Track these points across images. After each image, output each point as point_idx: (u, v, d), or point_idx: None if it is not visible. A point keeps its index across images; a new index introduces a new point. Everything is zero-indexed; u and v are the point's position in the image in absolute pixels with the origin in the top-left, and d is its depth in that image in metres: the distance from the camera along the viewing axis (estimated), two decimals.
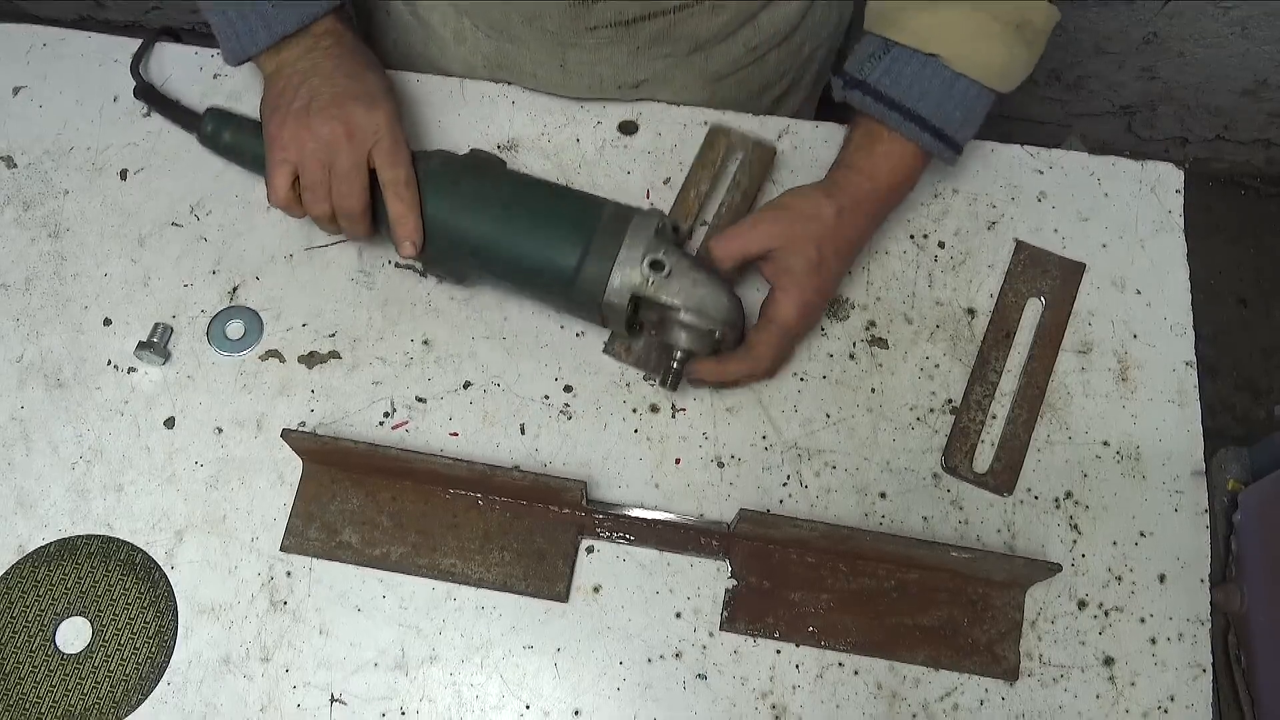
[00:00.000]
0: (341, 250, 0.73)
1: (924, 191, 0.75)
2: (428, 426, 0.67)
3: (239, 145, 0.71)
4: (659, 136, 0.76)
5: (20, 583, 0.63)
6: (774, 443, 0.67)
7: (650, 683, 0.61)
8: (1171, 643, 0.63)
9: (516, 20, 0.70)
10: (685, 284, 0.61)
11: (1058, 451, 0.67)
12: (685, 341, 0.63)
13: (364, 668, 0.61)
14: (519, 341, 0.70)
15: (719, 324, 0.62)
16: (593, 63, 0.72)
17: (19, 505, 0.65)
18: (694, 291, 0.61)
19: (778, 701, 0.61)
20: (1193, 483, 0.67)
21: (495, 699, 0.61)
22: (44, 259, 0.72)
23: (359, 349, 0.70)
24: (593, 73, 0.73)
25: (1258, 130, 1.54)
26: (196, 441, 0.67)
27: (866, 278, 0.72)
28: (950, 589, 0.63)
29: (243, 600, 0.63)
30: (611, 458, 0.67)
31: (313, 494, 0.65)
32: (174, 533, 0.65)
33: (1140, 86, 1.47)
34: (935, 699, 0.61)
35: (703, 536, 0.64)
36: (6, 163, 0.76)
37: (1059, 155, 0.76)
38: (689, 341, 0.63)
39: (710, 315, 0.62)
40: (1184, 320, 0.71)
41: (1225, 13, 1.29)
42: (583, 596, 0.63)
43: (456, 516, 0.65)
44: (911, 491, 0.66)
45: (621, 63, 0.73)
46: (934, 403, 0.69)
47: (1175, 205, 0.75)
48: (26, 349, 0.70)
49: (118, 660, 0.61)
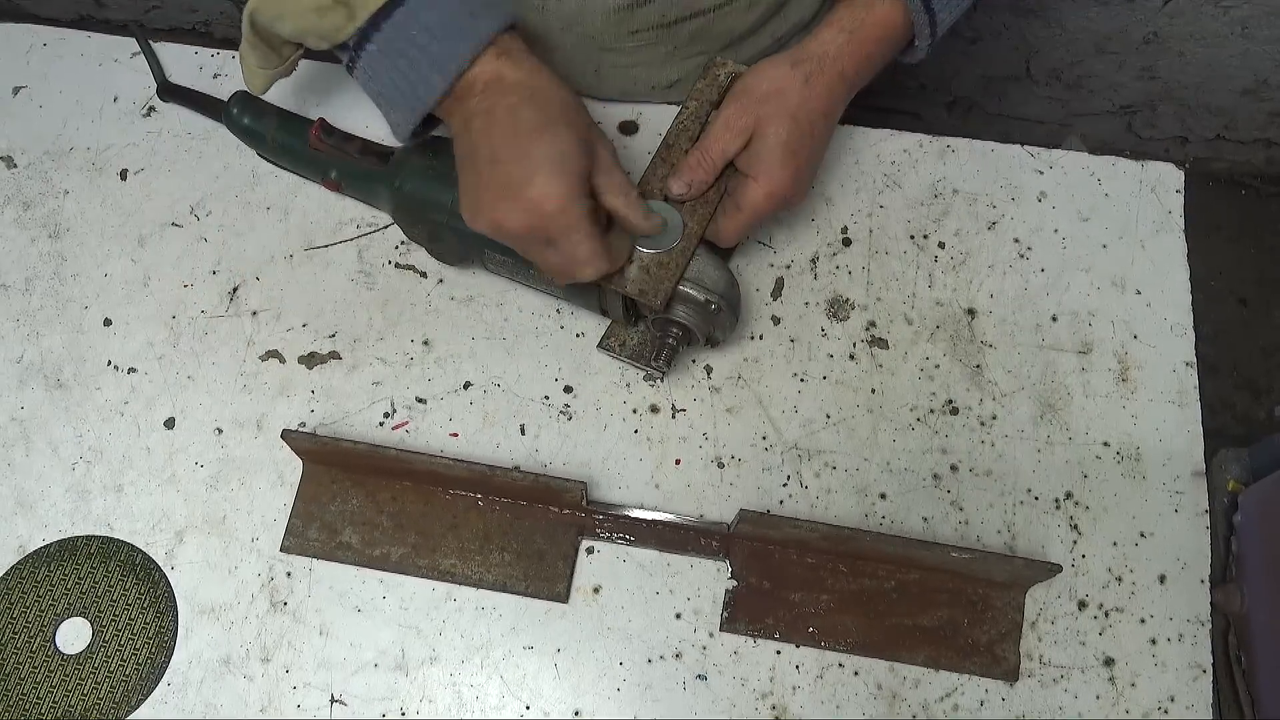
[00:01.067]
0: (341, 250, 0.73)
1: (924, 191, 0.75)
2: (428, 427, 0.67)
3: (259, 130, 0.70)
4: (659, 137, 0.76)
5: (20, 583, 0.63)
6: (774, 443, 0.67)
7: (650, 683, 0.61)
8: (1171, 643, 0.63)
9: (555, 27, 0.68)
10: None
11: (1058, 452, 0.67)
12: (682, 314, 0.62)
13: (364, 668, 0.61)
14: (519, 341, 0.70)
15: (716, 296, 0.61)
16: (628, 65, 0.72)
17: (19, 505, 0.65)
18: (693, 264, 0.61)
19: (778, 702, 0.61)
20: (1193, 483, 0.67)
21: (495, 699, 0.61)
22: (44, 259, 0.72)
23: (359, 349, 0.70)
24: (627, 75, 0.73)
25: (1258, 130, 1.54)
26: (196, 442, 0.67)
27: (867, 278, 0.72)
28: (950, 590, 0.63)
29: (243, 601, 0.63)
30: (611, 458, 0.67)
31: (313, 494, 0.65)
32: (174, 533, 0.65)
33: (1140, 86, 1.47)
34: (935, 699, 0.61)
35: (703, 537, 0.64)
36: (6, 163, 0.76)
37: (1059, 155, 0.76)
38: (685, 314, 0.62)
39: (707, 287, 0.61)
40: (1184, 320, 0.71)
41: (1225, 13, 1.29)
42: (583, 597, 0.63)
43: (456, 517, 0.65)
44: (911, 492, 0.66)
45: (657, 64, 0.72)
46: (934, 403, 0.69)
47: (1175, 205, 0.75)
48: (26, 349, 0.70)
49: (118, 661, 0.61)
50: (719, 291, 0.61)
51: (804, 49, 0.62)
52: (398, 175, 0.66)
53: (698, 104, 0.66)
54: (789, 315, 0.71)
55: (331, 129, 0.69)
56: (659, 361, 0.63)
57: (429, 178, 0.65)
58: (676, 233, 0.61)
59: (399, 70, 0.56)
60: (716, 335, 0.65)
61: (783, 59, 0.62)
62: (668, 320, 0.62)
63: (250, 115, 0.70)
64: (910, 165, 0.76)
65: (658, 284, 0.60)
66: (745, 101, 0.62)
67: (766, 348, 0.70)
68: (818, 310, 0.71)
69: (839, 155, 0.75)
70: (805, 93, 0.61)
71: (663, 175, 0.63)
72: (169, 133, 0.76)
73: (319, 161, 0.70)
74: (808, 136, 0.61)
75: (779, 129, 0.60)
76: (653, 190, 0.63)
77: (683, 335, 0.63)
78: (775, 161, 0.61)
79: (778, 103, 0.61)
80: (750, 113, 0.61)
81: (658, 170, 0.64)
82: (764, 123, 0.61)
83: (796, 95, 0.61)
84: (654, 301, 0.60)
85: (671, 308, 0.62)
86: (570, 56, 0.71)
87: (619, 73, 0.73)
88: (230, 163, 0.75)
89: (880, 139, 0.76)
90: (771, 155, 0.61)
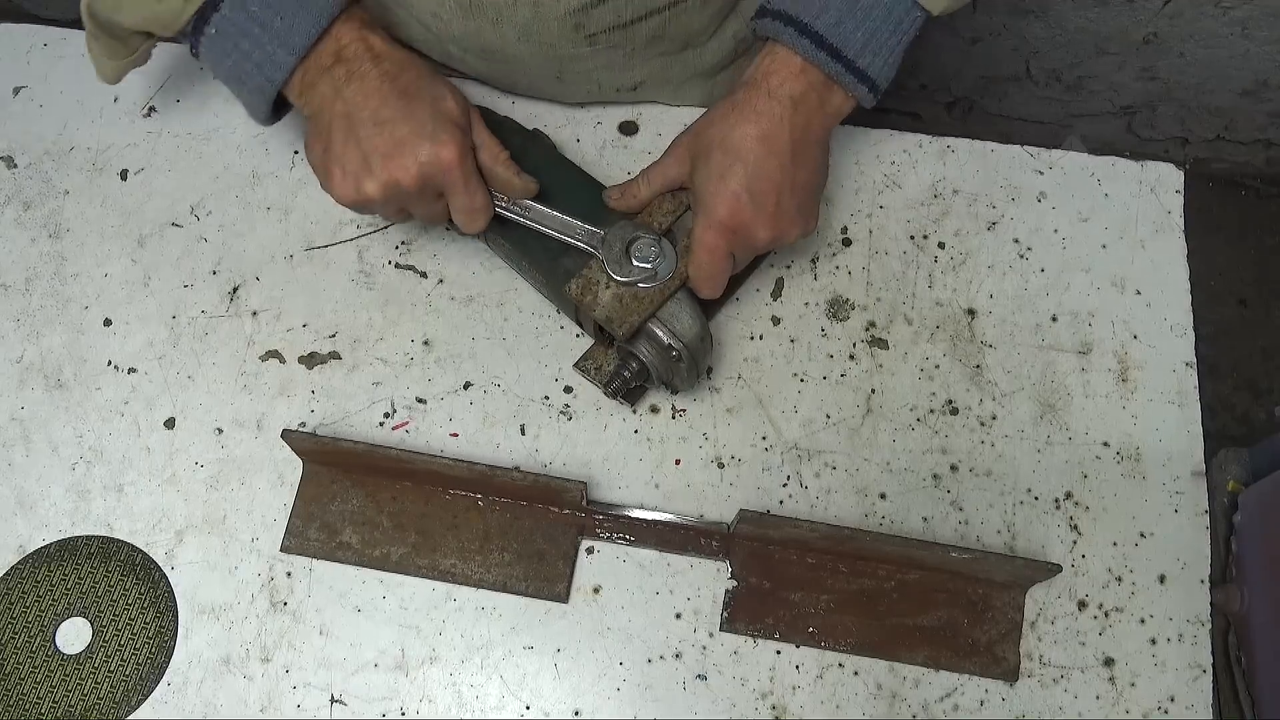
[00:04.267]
0: (341, 250, 0.73)
1: (924, 191, 0.75)
2: (428, 427, 0.67)
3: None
4: (659, 137, 0.76)
5: (20, 583, 0.63)
6: (774, 443, 0.67)
7: (650, 683, 0.61)
8: (1171, 643, 0.63)
9: (512, 38, 0.67)
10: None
11: (1057, 452, 0.67)
12: (644, 351, 0.61)
13: (364, 668, 0.61)
14: (519, 341, 0.70)
15: (680, 344, 0.60)
16: (590, 70, 0.72)
17: (19, 505, 0.65)
18: (669, 305, 0.61)
19: (778, 702, 0.61)
20: (1193, 483, 0.67)
21: (495, 699, 0.61)
22: (44, 259, 0.72)
23: (359, 349, 0.70)
24: (590, 79, 0.73)
25: (1258, 130, 1.54)
26: (196, 442, 0.67)
27: (866, 278, 0.72)
28: (950, 590, 0.63)
29: (243, 601, 0.63)
30: (611, 458, 0.67)
31: (313, 494, 0.65)
32: (174, 533, 0.65)
33: (1140, 86, 1.47)
34: (935, 699, 0.61)
35: (703, 537, 0.64)
36: (6, 163, 0.76)
37: (1059, 155, 0.76)
38: (647, 352, 0.61)
39: (675, 331, 0.60)
40: (1184, 320, 0.71)
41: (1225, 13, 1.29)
42: (583, 597, 0.63)
43: (456, 517, 0.65)
44: (911, 492, 0.66)
45: (618, 66, 0.72)
46: (934, 403, 0.69)
47: (1175, 205, 0.75)
48: (27, 349, 0.70)
49: (118, 660, 0.61)
50: (685, 340, 0.60)
51: (740, 76, 0.61)
52: None
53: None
54: (789, 315, 0.71)
55: None
56: (609, 389, 0.63)
57: None
58: (667, 270, 0.61)
59: (242, 51, 0.57)
60: (674, 383, 0.64)
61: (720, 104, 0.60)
62: (629, 353, 0.62)
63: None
64: (910, 165, 0.76)
65: (626, 314, 0.60)
66: (681, 138, 0.62)
67: (766, 348, 0.70)
68: (818, 310, 0.71)
69: (839, 155, 0.75)
70: (733, 118, 0.58)
71: (668, 210, 0.63)
72: (169, 133, 0.76)
73: None
74: (739, 161, 0.58)
75: (707, 159, 0.59)
76: (654, 223, 0.63)
77: (639, 372, 0.62)
78: (707, 192, 0.59)
79: (706, 134, 0.60)
80: (682, 145, 0.61)
81: (664, 204, 0.64)
82: (697, 157, 0.60)
83: (722, 122, 0.59)
84: (617, 331, 0.60)
85: (635, 342, 0.62)
86: (529, 66, 0.71)
87: (581, 77, 0.72)
88: (230, 163, 0.75)
89: (880, 139, 0.76)
90: (703, 187, 0.59)
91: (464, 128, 0.59)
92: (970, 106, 1.59)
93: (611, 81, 0.74)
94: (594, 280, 0.61)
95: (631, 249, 0.61)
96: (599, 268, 0.61)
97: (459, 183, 0.59)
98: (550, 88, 0.74)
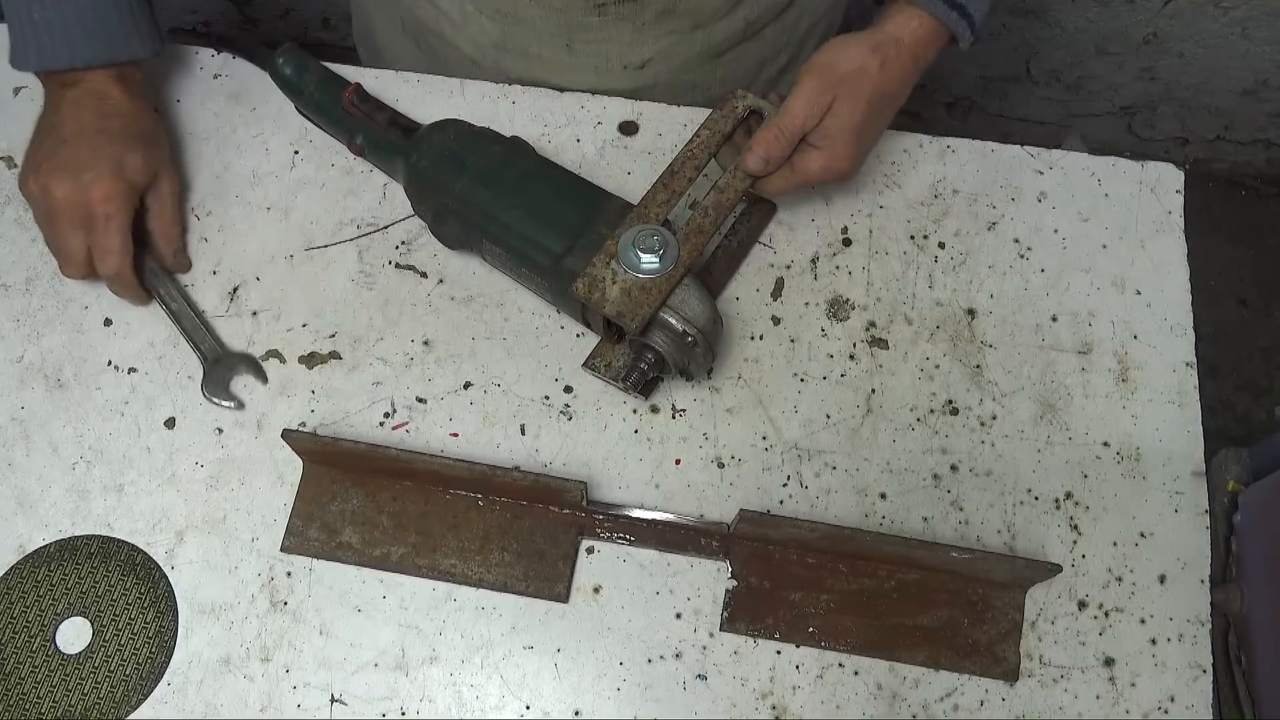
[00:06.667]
0: (341, 250, 0.73)
1: (924, 191, 0.75)
2: (428, 427, 0.67)
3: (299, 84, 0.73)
4: (660, 137, 0.76)
5: (20, 583, 0.63)
6: (774, 443, 0.67)
7: (650, 683, 0.61)
8: (1171, 643, 0.63)
9: (524, 1, 0.70)
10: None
11: (1058, 452, 0.67)
12: (658, 341, 0.62)
13: (364, 668, 0.61)
14: (519, 341, 0.70)
15: (695, 330, 0.61)
16: (599, 41, 0.73)
17: (19, 505, 0.65)
18: (678, 292, 0.61)
19: (778, 702, 0.61)
20: (1193, 483, 0.67)
21: (495, 699, 0.61)
22: (44, 259, 0.72)
23: (359, 349, 0.70)
24: (599, 52, 0.74)
25: (1258, 130, 1.54)
26: (196, 441, 0.67)
27: (866, 278, 0.72)
28: (950, 590, 0.63)
29: (243, 600, 0.63)
30: (611, 458, 0.67)
31: (313, 494, 0.65)
32: (174, 533, 0.65)
33: (1140, 86, 1.47)
34: (935, 699, 0.61)
35: (703, 537, 0.64)
36: (7, 163, 0.76)
37: (1059, 155, 0.76)
38: (662, 342, 0.62)
39: (687, 318, 0.61)
40: (1184, 320, 0.71)
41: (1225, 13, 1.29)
42: (583, 597, 0.63)
43: (457, 517, 0.65)
44: (911, 492, 0.66)
45: (627, 41, 0.73)
46: (934, 403, 0.69)
47: (1175, 205, 0.75)
48: (27, 349, 0.70)
49: (118, 660, 0.61)
50: (698, 325, 0.61)
51: (881, 31, 0.65)
52: (416, 151, 0.67)
53: (710, 134, 0.66)
54: (789, 315, 0.71)
55: (366, 96, 0.72)
56: (627, 384, 0.63)
57: (444, 159, 0.66)
58: (671, 259, 0.61)
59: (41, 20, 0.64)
60: (690, 369, 0.64)
61: (861, 39, 0.65)
62: (644, 345, 0.62)
63: (293, 68, 0.73)
64: (910, 165, 0.76)
65: (637, 307, 0.60)
66: (826, 78, 0.64)
67: (766, 348, 0.70)
68: (818, 310, 0.71)
69: None
70: (882, 76, 0.64)
71: (663, 200, 0.63)
72: (169, 133, 0.76)
73: (348, 124, 0.72)
74: (876, 119, 0.65)
75: (854, 110, 0.63)
76: (650, 215, 0.63)
77: (656, 362, 0.63)
78: (842, 140, 0.64)
79: (856, 83, 0.63)
80: (829, 90, 0.63)
81: (658, 195, 0.64)
82: (840, 101, 0.63)
83: (874, 78, 0.63)
84: (629, 325, 0.59)
85: (649, 333, 0.62)
86: (540, 29, 0.72)
87: (590, 48, 0.73)
88: (230, 163, 0.75)
89: (880, 139, 0.76)
90: (841, 133, 0.64)
91: (133, 184, 0.66)
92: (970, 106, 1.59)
93: (620, 57, 0.74)
94: (600, 277, 0.61)
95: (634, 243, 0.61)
96: (603, 264, 0.61)
97: (97, 220, 0.65)
98: (561, 59, 0.75)
